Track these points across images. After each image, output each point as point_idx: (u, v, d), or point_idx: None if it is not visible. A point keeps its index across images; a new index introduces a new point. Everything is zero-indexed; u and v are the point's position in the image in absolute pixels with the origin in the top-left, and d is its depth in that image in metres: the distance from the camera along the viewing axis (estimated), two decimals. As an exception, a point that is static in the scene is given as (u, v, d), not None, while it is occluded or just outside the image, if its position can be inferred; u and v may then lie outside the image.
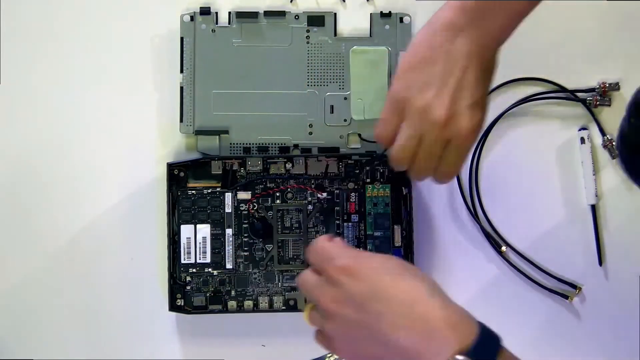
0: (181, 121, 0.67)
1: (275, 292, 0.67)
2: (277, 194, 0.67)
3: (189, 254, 0.66)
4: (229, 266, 0.67)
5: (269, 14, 0.67)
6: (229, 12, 0.68)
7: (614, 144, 0.68)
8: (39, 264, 0.68)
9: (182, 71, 0.67)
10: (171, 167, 0.66)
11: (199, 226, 0.66)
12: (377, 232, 0.67)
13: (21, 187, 0.68)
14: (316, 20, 0.68)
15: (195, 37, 0.67)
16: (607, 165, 0.69)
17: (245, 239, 0.67)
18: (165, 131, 0.68)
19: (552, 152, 0.69)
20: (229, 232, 0.67)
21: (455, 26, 0.53)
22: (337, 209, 0.67)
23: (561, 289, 0.68)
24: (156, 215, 0.68)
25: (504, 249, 0.69)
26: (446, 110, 0.54)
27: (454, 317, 0.48)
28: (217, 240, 0.66)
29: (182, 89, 0.67)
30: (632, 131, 0.55)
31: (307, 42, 0.68)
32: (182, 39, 0.67)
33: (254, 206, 0.67)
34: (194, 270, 0.66)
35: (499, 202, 0.69)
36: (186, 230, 0.66)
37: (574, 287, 0.68)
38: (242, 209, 0.67)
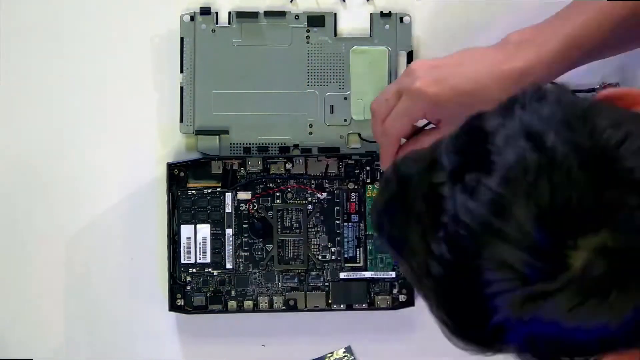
0: (181, 121, 0.67)
1: (275, 292, 0.67)
2: (277, 194, 0.67)
3: (189, 254, 0.66)
4: (229, 266, 0.67)
5: (269, 14, 0.67)
6: (229, 12, 0.67)
7: None
8: (39, 264, 0.68)
9: (182, 71, 0.67)
10: (171, 167, 0.66)
11: (199, 226, 0.66)
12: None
13: (21, 187, 0.68)
14: (316, 20, 0.67)
15: (195, 37, 0.67)
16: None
17: (245, 239, 0.67)
18: (165, 131, 0.68)
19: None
20: (229, 232, 0.67)
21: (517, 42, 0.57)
22: (337, 209, 0.67)
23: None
24: (156, 215, 0.68)
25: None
26: (420, 65, 0.57)
27: None
28: (217, 240, 0.66)
29: (182, 89, 0.67)
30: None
31: (307, 42, 0.68)
32: (182, 39, 0.67)
33: (254, 206, 0.67)
34: (194, 270, 0.66)
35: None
36: (186, 230, 0.66)
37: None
38: (242, 209, 0.67)
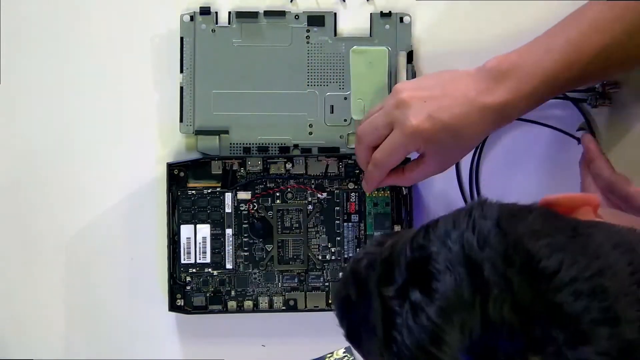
0: (181, 121, 0.67)
1: (275, 292, 0.67)
2: (277, 194, 0.67)
3: (189, 254, 0.66)
4: (229, 266, 0.67)
5: (269, 14, 0.67)
6: (229, 12, 0.68)
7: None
8: (39, 264, 0.68)
9: (182, 71, 0.67)
10: (171, 167, 0.66)
11: (199, 226, 0.66)
12: (377, 232, 0.67)
13: (21, 186, 0.68)
14: (316, 20, 0.67)
15: (195, 37, 0.67)
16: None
17: (245, 239, 0.67)
18: (165, 131, 0.68)
19: (552, 152, 0.69)
20: (229, 232, 0.67)
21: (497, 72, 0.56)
22: (337, 209, 0.67)
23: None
24: (156, 215, 0.68)
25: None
26: (410, 96, 0.57)
27: None
28: (217, 240, 0.66)
29: (182, 89, 0.67)
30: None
31: (307, 42, 0.68)
32: (182, 39, 0.67)
33: (254, 206, 0.67)
34: (194, 270, 0.66)
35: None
36: (186, 230, 0.66)
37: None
38: (242, 209, 0.67)
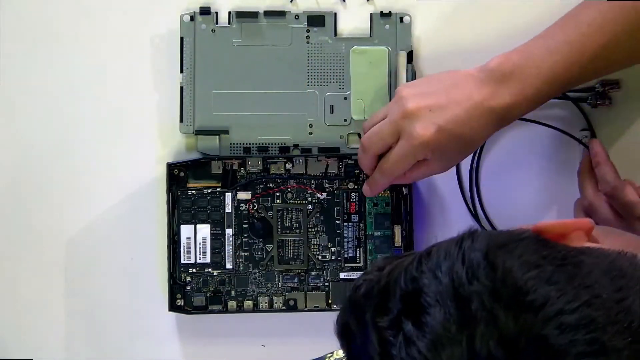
0: (181, 121, 0.67)
1: (275, 292, 0.67)
2: (277, 194, 0.67)
3: (189, 254, 0.66)
4: (229, 266, 0.67)
5: (269, 14, 0.67)
6: (229, 12, 0.67)
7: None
8: (38, 264, 0.68)
9: (182, 71, 0.67)
10: (171, 167, 0.66)
11: (199, 226, 0.66)
12: (377, 232, 0.67)
13: (21, 187, 0.68)
14: (316, 20, 0.67)
15: (195, 37, 0.67)
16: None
17: (245, 239, 0.67)
18: (165, 131, 0.68)
19: (553, 152, 0.69)
20: (229, 232, 0.67)
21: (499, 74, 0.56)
22: (337, 209, 0.67)
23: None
24: (156, 215, 0.68)
25: (504, 249, 0.69)
26: (417, 107, 0.56)
27: None
28: (217, 240, 0.66)
29: (182, 89, 0.67)
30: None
31: (307, 42, 0.68)
32: (182, 39, 0.67)
33: (254, 206, 0.67)
34: (194, 270, 0.66)
35: (499, 202, 0.69)
36: (186, 230, 0.66)
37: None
38: (242, 209, 0.67)
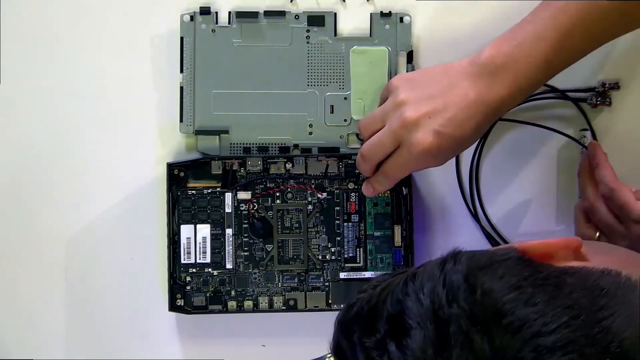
0: (181, 121, 0.67)
1: (275, 292, 0.67)
2: (277, 194, 0.67)
3: (189, 254, 0.66)
4: (229, 266, 0.67)
5: (269, 14, 0.67)
6: (229, 12, 0.67)
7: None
8: (38, 264, 0.68)
9: (182, 71, 0.67)
10: (171, 167, 0.66)
11: (199, 226, 0.66)
12: (377, 232, 0.67)
13: (21, 187, 0.68)
14: (316, 20, 0.67)
15: (195, 37, 0.67)
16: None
17: (245, 239, 0.67)
18: (165, 131, 0.68)
19: (553, 152, 0.69)
20: (229, 232, 0.67)
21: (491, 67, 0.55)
22: (337, 209, 0.67)
23: (561, 289, 0.68)
24: (156, 215, 0.68)
25: (504, 249, 0.69)
26: (416, 116, 0.56)
27: None
28: (217, 240, 0.66)
29: (182, 89, 0.67)
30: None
31: (307, 42, 0.68)
32: (182, 39, 0.67)
33: (254, 206, 0.67)
34: (194, 270, 0.66)
35: (499, 202, 0.69)
36: (186, 230, 0.66)
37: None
38: (242, 209, 0.67)
